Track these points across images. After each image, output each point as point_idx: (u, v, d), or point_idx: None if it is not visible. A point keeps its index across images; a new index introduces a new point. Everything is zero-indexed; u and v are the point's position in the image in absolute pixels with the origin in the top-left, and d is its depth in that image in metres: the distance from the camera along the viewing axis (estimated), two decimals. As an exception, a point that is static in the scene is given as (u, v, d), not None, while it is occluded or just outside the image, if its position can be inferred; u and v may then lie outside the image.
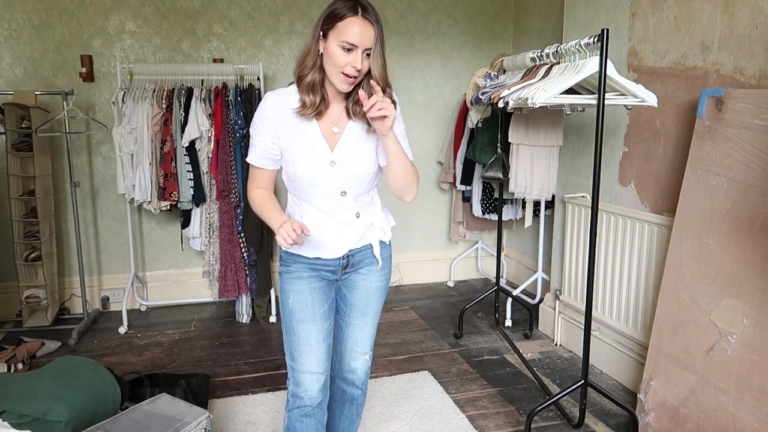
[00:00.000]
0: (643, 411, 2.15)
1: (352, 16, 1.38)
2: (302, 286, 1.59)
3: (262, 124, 1.51)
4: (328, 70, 1.44)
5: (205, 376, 2.49)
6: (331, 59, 1.41)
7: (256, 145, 1.53)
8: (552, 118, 2.91)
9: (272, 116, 1.50)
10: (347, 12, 1.38)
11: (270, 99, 1.51)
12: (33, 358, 2.92)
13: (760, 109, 1.87)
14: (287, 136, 1.51)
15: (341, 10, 1.39)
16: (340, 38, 1.39)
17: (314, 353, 1.57)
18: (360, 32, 1.38)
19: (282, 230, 1.42)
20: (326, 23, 1.41)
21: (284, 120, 1.50)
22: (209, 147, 3.27)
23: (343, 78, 1.42)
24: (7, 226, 3.26)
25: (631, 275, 2.55)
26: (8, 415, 1.79)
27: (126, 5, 3.47)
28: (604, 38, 1.98)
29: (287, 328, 1.60)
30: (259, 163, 1.55)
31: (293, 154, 1.51)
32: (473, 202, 3.76)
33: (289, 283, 1.60)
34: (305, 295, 1.58)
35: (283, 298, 1.62)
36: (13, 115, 3.13)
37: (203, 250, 3.44)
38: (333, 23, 1.40)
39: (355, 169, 1.54)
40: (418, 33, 3.96)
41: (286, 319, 1.61)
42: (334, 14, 1.40)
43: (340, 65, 1.40)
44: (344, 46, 1.39)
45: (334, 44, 1.40)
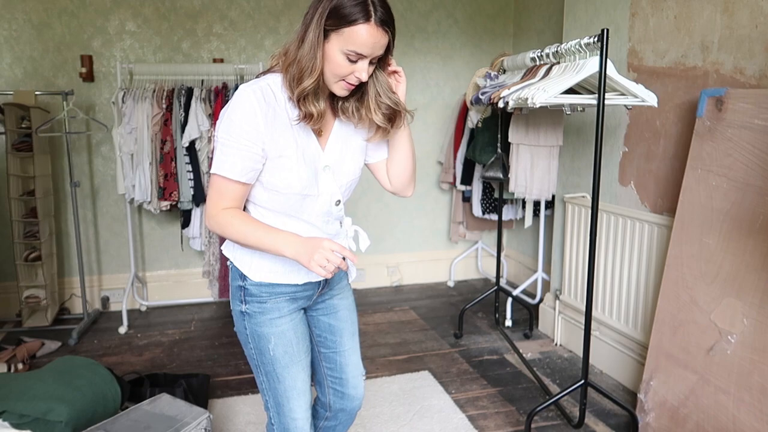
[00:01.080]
0: (643, 411, 2.15)
1: (363, 22, 1.13)
2: (284, 325, 1.34)
3: (250, 126, 1.18)
4: (326, 77, 1.21)
5: (205, 376, 2.49)
6: (332, 66, 1.18)
7: (238, 155, 1.19)
8: (552, 118, 2.91)
9: (262, 116, 1.20)
10: (358, 15, 1.13)
11: (256, 95, 1.20)
12: (33, 358, 2.92)
13: (760, 109, 1.87)
14: (278, 140, 1.23)
15: (350, 9, 1.13)
16: (346, 45, 1.15)
17: (303, 396, 1.39)
18: (372, 43, 1.15)
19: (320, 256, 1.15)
20: (330, 21, 1.15)
21: (273, 119, 1.22)
22: (209, 147, 3.27)
23: (345, 85, 1.22)
24: (7, 226, 3.26)
25: (631, 275, 2.55)
26: (8, 415, 1.79)
27: (126, 5, 3.47)
28: (604, 38, 1.98)
29: (269, 376, 1.36)
30: (242, 176, 1.21)
31: (285, 161, 1.24)
32: (473, 202, 3.76)
33: (268, 325, 1.33)
34: (289, 336, 1.35)
35: (261, 345, 1.34)
36: (13, 115, 3.13)
37: (203, 250, 3.44)
38: (339, 26, 1.14)
39: (349, 172, 1.35)
40: (418, 33, 3.96)
41: (266, 367, 1.36)
42: (340, 14, 1.14)
43: (341, 74, 1.19)
44: (350, 56, 1.16)
45: (336, 49, 1.16)
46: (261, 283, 1.33)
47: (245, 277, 1.34)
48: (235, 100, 1.20)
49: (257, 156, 1.21)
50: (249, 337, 1.36)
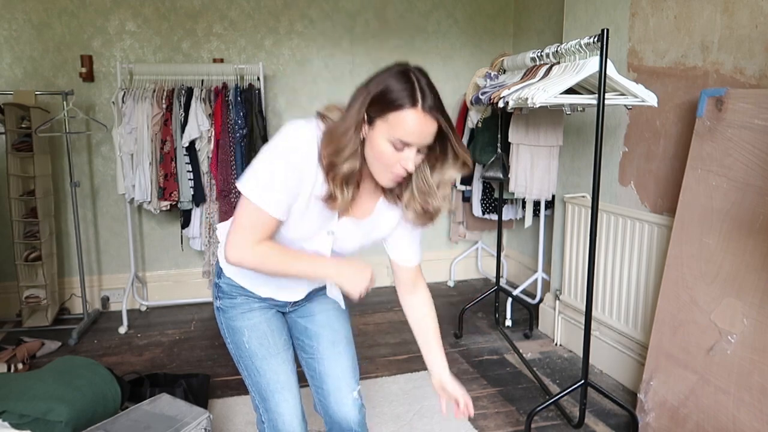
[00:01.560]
0: (643, 411, 2.15)
1: (410, 107, 1.07)
2: (255, 318, 1.38)
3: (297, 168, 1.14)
4: (370, 161, 1.14)
5: (205, 376, 2.49)
6: (377, 154, 1.11)
7: (284, 192, 1.14)
8: (552, 118, 2.91)
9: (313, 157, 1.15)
10: (405, 101, 1.07)
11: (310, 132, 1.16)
12: (33, 358, 2.92)
13: (760, 109, 1.87)
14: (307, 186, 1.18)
15: (397, 95, 1.07)
16: (391, 133, 1.08)
17: (288, 389, 1.38)
18: (419, 131, 1.08)
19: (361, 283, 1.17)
20: (375, 107, 1.09)
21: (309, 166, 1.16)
22: (209, 147, 3.27)
23: (392, 177, 1.14)
24: (7, 226, 3.26)
25: (631, 275, 2.55)
26: (8, 415, 1.79)
27: (126, 5, 3.47)
28: (604, 38, 1.98)
29: (249, 370, 1.38)
30: (283, 215, 1.17)
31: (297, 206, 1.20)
32: (473, 202, 3.76)
33: (239, 319, 1.37)
34: (262, 328, 1.38)
35: (236, 339, 1.38)
36: (13, 115, 3.13)
37: (203, 250, 3.44)
38: (385, 112, 1.08)
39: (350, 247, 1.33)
40: (418, 33, 3.96)
41: (246, 361, 1.38)
42: (386, 99, 1.08)
43: (388, 164, 1.12)
44: (396, 144, 1.09)
45: (382, 137, 1.10)
46: (232, 282, 1.37)
47: (221, 274, 1.39)
48: (292, 135, 1.15)
49: (293, 192, 1.16)
50: (225, 332, 1.42)
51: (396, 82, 1.08)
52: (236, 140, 3.24)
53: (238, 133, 3.22)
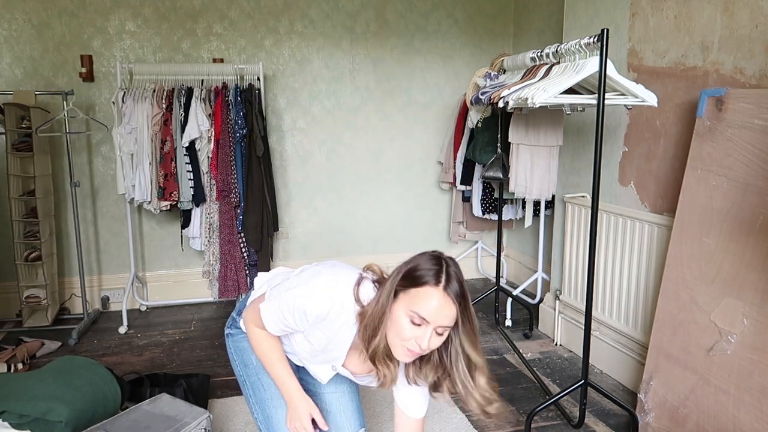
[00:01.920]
0: (643, 411, 2.15)
1: (433, 285, 1.14)
2: None
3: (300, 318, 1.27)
4: (388, 336, 1.20)
5: (205, 376, 2.49)
6: (395, 326, 1.17)
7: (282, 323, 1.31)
8: (552, 118, 2.91)
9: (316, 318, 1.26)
10: (429, 278, 1.15)
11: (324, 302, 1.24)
12: (33, 358, 2.92)
13: (760, 109, 1.87)
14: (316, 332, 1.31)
15: (424, 273, 1.16)
16: (410, 306, 1.15)
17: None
18: (436, 308, 1.14)
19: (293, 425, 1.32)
20: (402, 282, 1.18)
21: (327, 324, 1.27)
22: (209, 147, 3.27)
23: (407, 351, 1.19)
24: (7, 226, 3.26)
25: (631, 275, 2.55)
26: (8, 415, 1.79)
27: (126, 5, 3.47)
28: (604, 38, 1.98)
29: (255, 387, 1.45)
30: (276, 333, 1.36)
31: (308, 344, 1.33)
32: (473, 202, 3.76)
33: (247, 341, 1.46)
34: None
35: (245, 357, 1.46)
36: (13, 115, 3.13)
37: (203, 250, 3.44)
38: (408, 286, 1.17)
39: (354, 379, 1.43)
40: (418, 33, 3.96)
41: (252, 378, 1.45)
42: (413, 275, 1.16)
43: (403, 337, 1.17)
44: (413, 318, 1.15)
45: (401, 310, 1.17)
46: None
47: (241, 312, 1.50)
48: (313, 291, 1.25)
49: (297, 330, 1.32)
50: (233, 354, 1.49)
51: (426, 262, 1.17)
52: (236, 140, 3.24)
53: (238, 133, 3.22)
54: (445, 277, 1.14)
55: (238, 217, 3.32)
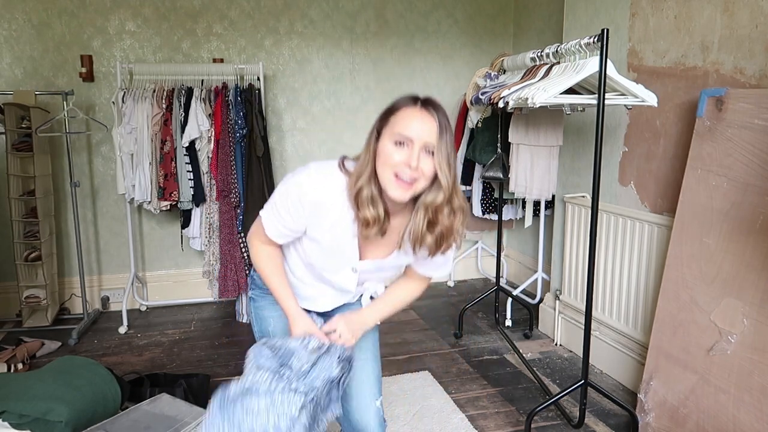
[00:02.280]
0: (643, 411, 2.15)
1: (410, 106, 1.18)
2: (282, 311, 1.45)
3: (296, 209, 1.26)
4: (379, 174, 1.19)
5: (205, 376, 2.49)
6: (382, 158, 1.18)
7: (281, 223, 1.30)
8: (552, 118, 2.91)
9: (311, 204, 1.25)
10: (404, 104, 1.19)
11: (320, 183, 1.24)
12: (33, 358, 2.92)
13: (760, 109, 1.87)
14: (318, 228, 1.29)
15: (398, 102, 1.20)
16: (392, 130, 1.17)
17: None
18: (418, 124, 1.15)
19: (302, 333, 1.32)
20: (381, 120, 1.21)
21: (322, 212, 1.26)
22: (209, 147, 3.27)
23: (395, 181, 1.17)
24: (7, 226, 3.26)
25: (631, 275, 2.55)
26: (8, 415, 1.79)
27: (126, 5, 3.47)
28: (604, 38, 1.98)
29: None
30: (278, 238, 1.35)
31: (317, 244, 1.32)
32: (473, 202, 3.76)
33: (269, 309, 1.46)
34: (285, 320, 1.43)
35: (263, 327, 1.47)
36: (13, 115, 3.13)
37: (203, 250, 3.44)
38: (387, 117, 1.20)
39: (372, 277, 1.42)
40: (418, 33, 3.96)
41: None
42: (391, 108, 1.20)
43: (391, 163, 1.16)
44: (397, 139, 1.16)
45: (385, 141, 1.18)
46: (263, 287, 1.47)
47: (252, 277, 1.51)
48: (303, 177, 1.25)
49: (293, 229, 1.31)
50: (254, 320, 1.51)
51: (402, 98, 1.21)
52: (236, 140, 3.24)
53: (238, 133, 3.22)
54: (422, 99, 1.19)
55: (238, 217, 3.31)
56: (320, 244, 1.31)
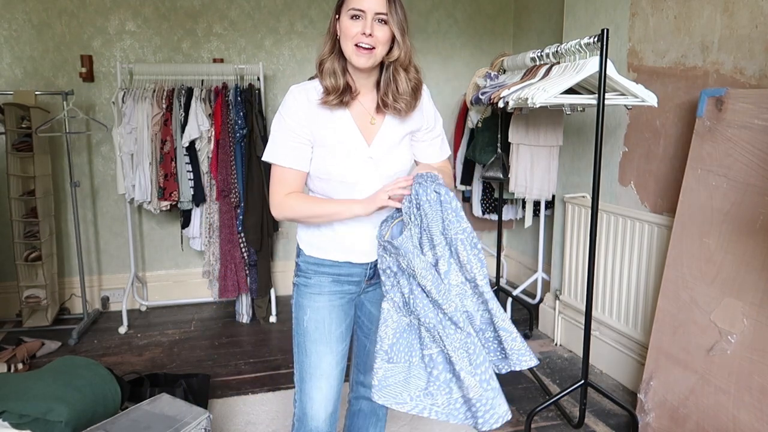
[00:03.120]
0: (643, 411, 2.15)
1: None
2: (321, 302, 1.45)
3: (292, 119, 1.36)
4: (343, 47, 1.32)
5: (205, 376, 2.49)
6: (343, 32, 1.30)
7: (284, 143, 1.37)
8: (552, 118, 2.91)
9: (304, 110, 1.36)
10: None
11: (298, 91, 1.37)
12: (33, 358, 2.92)
13: (760, 109, 1.87)
14: (319, 130, 1.37)
15: None
16: (348, 7, 1.29)
17: (325, 378, 1.45)
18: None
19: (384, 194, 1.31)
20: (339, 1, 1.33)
21: (315, 114, 1.36)
22: (209, 147, 3.27)
23: (356, 50, 1.29)
24: (7, 226, 3.26)
25: (631, 275, 2.55)
26: (8, 415, 1.79)
27: (126, 5, 3.47)
28: (604, 38, 1.98)
29: (299, 347, 1.47)
30: (291, 162, 1.37)
31: (326, 150, 1.37)
32: (473, 202, 3.76)
33: (308, 298, 1.46)
34: (323, 313, 1.45)
35: (299, 315, 1.47)
36: (13, 115, 3.13)
37: (203, 250, 3.44)
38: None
39: (394, 166, 1.42)
40: (418, 33, 3.95)
41: (299, 338, 1.47)
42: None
43: (350, 35, 1.29)
44: (352, 13, 1.28)
45: (344, 17, 1.30)
46: (309, 260, 1.46)
47: (300, 253, 1.49)
48: (285, 99, 1.39)
49: (302, 145, 1.36)
50: (294, 306, 1.50)
51: None
52: (236, 140, 3.24)
53: (238, 133, 3.22)
54: None
55: (238, 217, 3.31)
56: (328, 146, 1.37)
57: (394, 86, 1.37)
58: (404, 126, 1.44)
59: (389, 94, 1.37)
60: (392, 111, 1.39)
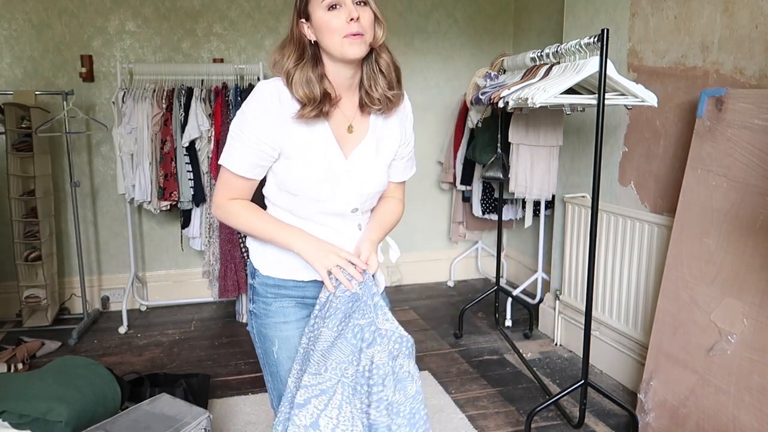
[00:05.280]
0: (643, 411, 2.15)
1: None
2: (290, 331, 1.31)
3: (258, 123, 1.17)
4: (329, 46, 1.17)
5: (205, 376, 2.49)
6: (325, 30, 1.15)
7: (245, 150, 1.19)
8: (552, 118, 2.91)
9: (274, 114, 1.17)
10: None
11: (272, 93, 1.18)
12: (33, 358, 2.92)
13: (760, 109, 1.87)
14: (289, 140, 1.19)
15: None
16: (320, 1, 1.15)
17: None
18: None
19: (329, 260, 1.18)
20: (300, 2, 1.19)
21: (287, 121, 1.18)
22: (209, 147, 3.27)
23: (348, 40, 1.15)
24: (7, 226, 3.26)
25: (631, 275, 2.55)
26: (8, 415, 1.79)
27: (126, 5, 3.47)
28: (604, 38, 1.98)
29: (274, 377, 1.36)
30: (247, 172, 1.21)
31: (295, 162, 1.21)
32: (473, 202, 3.76)
33: (273, 328, 1.31)
34: (294, 342, 1.30)
35: (266, 346, 1.34)
36: (13, 115, 3.13)
37: (203, 250, 3.44)
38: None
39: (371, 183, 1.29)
40: (418, 33, 3.95)
41: (271, 368, 1.35)
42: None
43: (334, 29, 1.15)
44: (328, 3, 1.15)
45: (319, 14, 1.15)
46: (267, 282, 1.30)
47: (255, 274, 1.34)
48: (252, 95, 1.20)
49: (265, 154, 1.20)
50: (256, 337, 1.37)
51: None
52: (236, 140, 3.23)
53: (238, 133, 3.22)
54: None
55: (238, 217, 3.31)
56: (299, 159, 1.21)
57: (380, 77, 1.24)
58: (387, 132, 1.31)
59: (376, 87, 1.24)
60: (379, 105, 1.25)
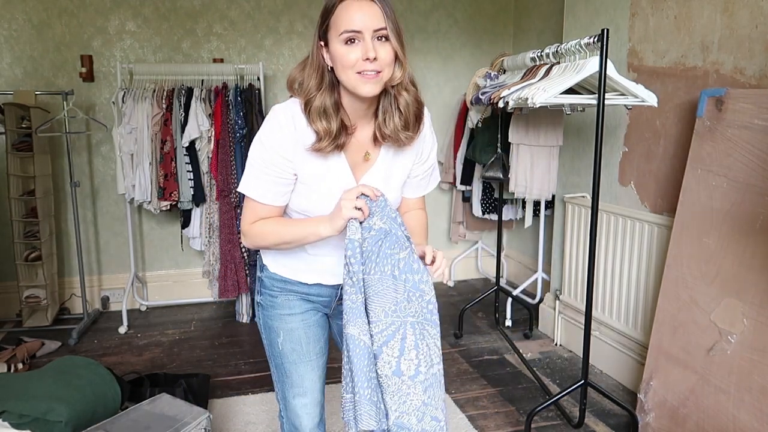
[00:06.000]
0: (643, 411, 2.15)
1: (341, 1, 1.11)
2: (294, 323, 1.36)
3: (276, 151, 1.17)
4: (342, 78, 1.14)
5: (205, 376, 2.49)
6: (339, 62, 1.12)
7: (269, 180, 1.19)
8: (552, 118, 2.91)
9: (290, 142, 1.17)
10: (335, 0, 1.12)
11: (284, 116, 1.17)
12: (33, 358, 2.92)
13: (760, 109, 1.87)
14: (304, 165, 1.19)
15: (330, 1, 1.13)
16: (338, 31, 1.10)
17: (309, 394, 1.40)
18: (359, 14, 1.09)
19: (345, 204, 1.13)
20: (321, 26, 1.15)
21: (303, 145, 1.18)
22: (209, 147, 3.27)
23: (362, 78, 1.11)
24: (7, 226, 3.26)
25: (631, 275, 2.55)
26: (8, 415, 1.79)
27: (126, 5, 3.47)
28: (604, 38, 1.98)
29: (278, 369, 1.40)
30: (269, 200, 1.21)
31: (308, 188, 1.22)
32: (473, 202, 3.76)
33: (278, 320, 1.36)
34: (298, 334, 1.36)
35: (271, 337, 1.38)
36: (13, 115, 3.13)
37: (203, 250, 3.44)
38: (326, 20, 1.13)
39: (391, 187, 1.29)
40: (418, 33, 3.96)
41: (276, 359, 1.39)
42: (325, 10, 1.13)
43: (349, 64, 1.10)
44: (346, 37, 1.09)
45: (335, 45, 1.12)
46: (274, 276, 1.35)
47: (263, 268, 1.38)
48: (268, 122, 1.19)
49: (287, 180, 1.21)
50: (262, 328, 1.42)
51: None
52: (236, 140, 3.24)
53: (238, 133, 3.22)
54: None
55: (238, 217, 3.31)
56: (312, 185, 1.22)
57: (396, 114, 1.21)
58: (399, 157, 1.29)
59: (389, 123, 1.21)
60: (391, 141, 1.23)
